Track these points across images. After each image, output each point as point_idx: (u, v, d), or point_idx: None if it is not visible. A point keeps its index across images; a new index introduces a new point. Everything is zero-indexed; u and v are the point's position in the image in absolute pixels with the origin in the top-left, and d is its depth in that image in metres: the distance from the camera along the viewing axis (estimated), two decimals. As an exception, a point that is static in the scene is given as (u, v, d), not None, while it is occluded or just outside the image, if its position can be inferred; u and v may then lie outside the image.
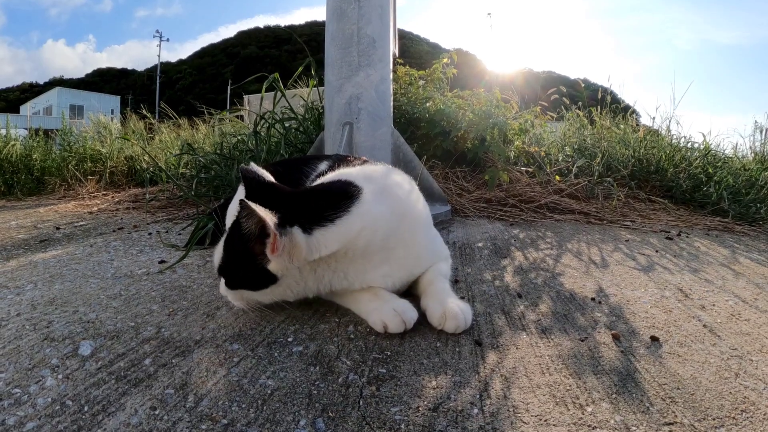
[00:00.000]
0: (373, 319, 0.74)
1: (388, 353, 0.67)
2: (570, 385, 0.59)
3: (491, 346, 0.71)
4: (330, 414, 0.53)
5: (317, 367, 0.63)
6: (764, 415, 0.54)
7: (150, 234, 1.60)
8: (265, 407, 0.54)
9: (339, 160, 1.03)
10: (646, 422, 0.51)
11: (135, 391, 0.58)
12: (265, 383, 0.59)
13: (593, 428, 0.50)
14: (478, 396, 0.57)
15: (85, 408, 0.54)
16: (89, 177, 3.31)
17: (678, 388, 0.59)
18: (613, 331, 0.76)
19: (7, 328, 0.77)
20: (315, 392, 0.57)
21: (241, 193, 1.18)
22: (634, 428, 0.50)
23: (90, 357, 0.67)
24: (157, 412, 0.53)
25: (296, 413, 0.53)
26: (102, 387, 0.59)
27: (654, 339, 0.74)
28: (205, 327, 0.77)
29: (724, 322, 0.83)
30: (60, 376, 0.62)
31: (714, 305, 0.92)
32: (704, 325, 0.81)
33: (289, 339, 0.72)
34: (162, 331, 0.76)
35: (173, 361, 0.66)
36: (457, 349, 0.69)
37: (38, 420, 0.52)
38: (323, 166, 1.04)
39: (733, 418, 0.53)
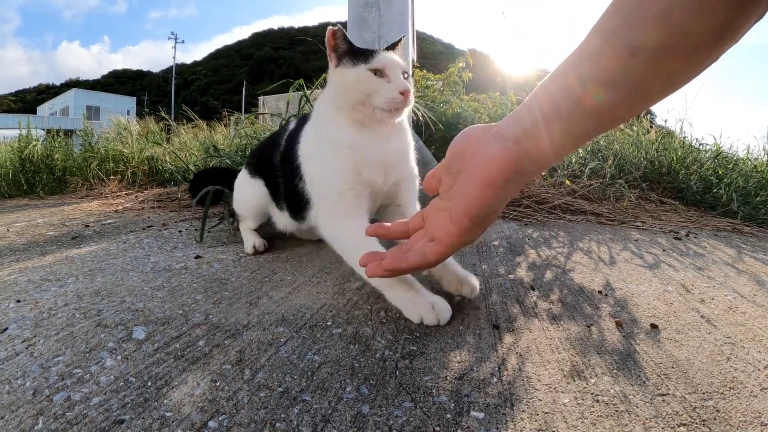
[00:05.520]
0: (411, 312, 0.81)
1: (417, 334, 0.77)
2: (576, 362, 0.68)
3: (507, 329, 0.80)
4: (371, 382, 0.62)
5: (356, 345, 0.72)
6: (750, 392, 0.60)
7: (180, 231, 1.67)
8: (314, 377, 0.63)
9: None
10: (642, 392, 0.60)
11: (194, 367, 0.63)
12: (312, 358, 0.68)
13: (596, 395, 0.59)
14: (496, 368, 0.65)
15: (149, 383, 0.59)
16: (111, 177, 3.40)
17: (672, 367, 0.66)
18: (616, 319, 0.84)
19: (57, 316, 0.81)
20: (356, 365, 0.66)
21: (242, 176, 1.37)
22: (631, 397, 0.59)
23: (145, 340, 0.72)
24: (218, 384, 0.60)
25: (342, 381, 0.62)
26: (162, 365, 0.64)
27: (653, 326, 0.82)
28: (250, 313, 0.85)
29: (721, 314, 0.90)
30: (119, 357, 0.66)
31: (713, 299, 0.99)
32: (702, 316, 0.88)
33: (328, 323, 0.81)
34: (210, 317, 0.82)
35: (225, 342, 0.72)
36: (478, 332, 0.78)
37: (104, 395, 0.56)
38: None
39: (722, 393, 0.60)
